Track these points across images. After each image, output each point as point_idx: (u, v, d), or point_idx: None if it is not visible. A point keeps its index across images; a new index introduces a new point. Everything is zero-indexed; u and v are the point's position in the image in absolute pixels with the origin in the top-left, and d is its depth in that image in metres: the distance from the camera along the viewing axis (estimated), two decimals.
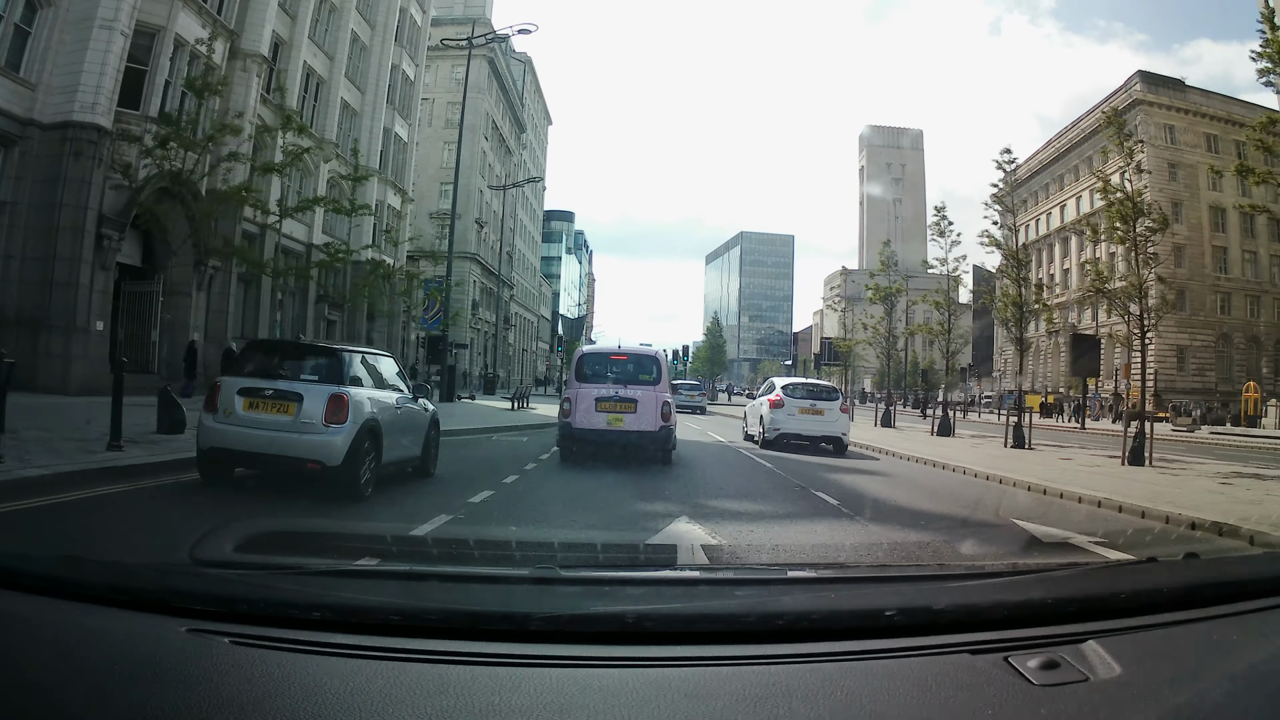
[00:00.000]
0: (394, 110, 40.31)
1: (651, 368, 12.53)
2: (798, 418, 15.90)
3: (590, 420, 11.64)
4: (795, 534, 7.19)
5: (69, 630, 1.37)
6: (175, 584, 1.61)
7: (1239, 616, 1.60)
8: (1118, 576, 2.06)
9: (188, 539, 2.13)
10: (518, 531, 6.14)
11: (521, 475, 10.34)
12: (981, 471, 12.90)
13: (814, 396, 16.53)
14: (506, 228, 71.77)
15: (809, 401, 16.24)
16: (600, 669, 1.32)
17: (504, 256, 69.76)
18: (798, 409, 16.01)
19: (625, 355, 13.30)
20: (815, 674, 1.32)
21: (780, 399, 16.27)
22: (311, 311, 32.30)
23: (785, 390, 16.67)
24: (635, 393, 11.76)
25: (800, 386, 17.15)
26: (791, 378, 23.72)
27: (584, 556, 3.20)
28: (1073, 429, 35.38)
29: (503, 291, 70.50)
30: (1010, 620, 1.53)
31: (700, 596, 1.91)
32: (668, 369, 13.18)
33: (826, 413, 16.11)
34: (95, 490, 7.19)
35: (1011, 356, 75.86)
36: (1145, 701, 1.26)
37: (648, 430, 11.61)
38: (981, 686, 1.30)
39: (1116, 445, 15.92)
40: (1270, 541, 7.12)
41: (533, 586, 1.83)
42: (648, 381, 12.11)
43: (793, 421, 15.90)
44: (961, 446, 19.13)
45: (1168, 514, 8.59)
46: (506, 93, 67.86)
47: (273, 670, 1.28)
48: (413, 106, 43.84)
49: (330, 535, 3.80)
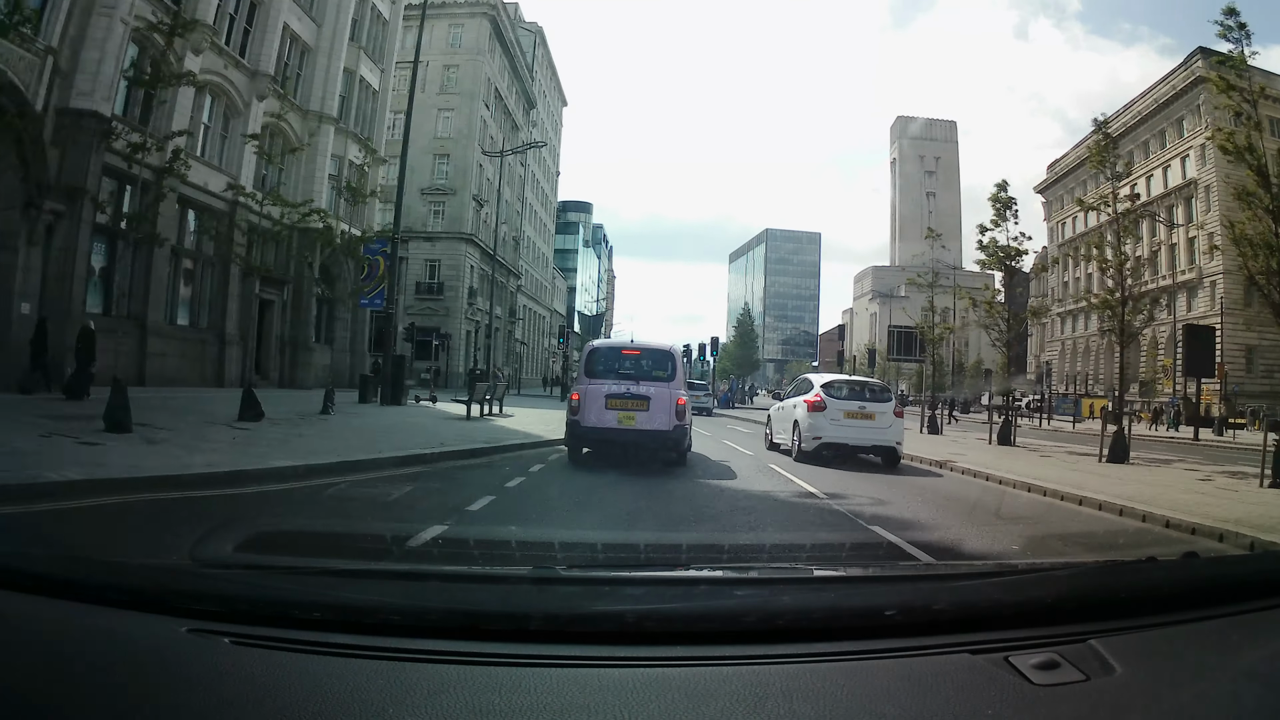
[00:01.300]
0: (360, 51, 33.34)
1: (666, 364, 12.00)
2: (843, 423, 13.40)
3: (600, 418, 11.13)
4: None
5: (69, 630, 1.37)
6: (175, 584, 1.60)
7: (1239, 616, 1.60)
8: (1118, 576, 1.98)
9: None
10: (518, 531, 6.02)
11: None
12: (1115, 503, 9.16)
13: (862, 397, 13.93)
14: (513, 210, 64.73)
15: (857, 403, 13.70)
16: (600, 669, 1.32)
17: (507, 240, 62.74)
18: (843, 412, 13.50)
19: (638, 350, 12.43)
20: (815, 674, 1.32)
21: (821, 400, 13.59)
22: (237, 287, 25.36)
23: (827, 390, 13.90)
24: (648, 390, 11.31)
25: (845, 385, 14.55)
26: (834, 374, 19.63)
27: (584, 556, 3.27)
28: (1167, 438, 30.61)
29: (509, 281, 63.63)
30: (1010, 620, 1.53)
31: (700, 596, 1.85)
32: (683, 365, 12.65)
33: (878, 417, 13.58)
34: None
35: (1043, 357, 72.12)
36: (1145, 701, 1.27)
37: (661, 430, 11.14)
38: (981, 686, 1.30)
39: (1249, 460, 13.50)
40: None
41: (533, 586, 1.84)
42: (661, 378, 11.64)
43: (836, 428, 13.37)
44: (1038, 459, 15.86)
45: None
46: (512, 60, 60.75)
47: (273, 670, 1.27)
48: (387, 51, 36.81)
49: (330, 535, 3.90)
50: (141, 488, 6.53)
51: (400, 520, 6.31)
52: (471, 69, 52.10)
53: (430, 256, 49.69)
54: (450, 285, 49.56)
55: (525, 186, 70.25)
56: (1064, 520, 8.55)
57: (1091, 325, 62.68)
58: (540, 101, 76.43)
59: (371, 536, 4.18)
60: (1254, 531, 7.23)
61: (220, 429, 11.52)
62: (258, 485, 7.33)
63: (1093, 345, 63.67)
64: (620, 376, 11.51)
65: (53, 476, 6.46)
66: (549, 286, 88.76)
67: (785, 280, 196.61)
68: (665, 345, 12.76)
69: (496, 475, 9.35)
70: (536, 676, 1.28)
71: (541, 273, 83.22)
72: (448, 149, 50.71)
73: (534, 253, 77.30)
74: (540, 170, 78.77)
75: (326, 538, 3.59)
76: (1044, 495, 10.30)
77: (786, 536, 6.63)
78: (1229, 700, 1.29)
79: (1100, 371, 62.05)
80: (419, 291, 49.26)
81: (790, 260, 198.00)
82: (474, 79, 52.08)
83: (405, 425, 15.03)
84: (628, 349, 12.46)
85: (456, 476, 9.24)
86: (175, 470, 7.28)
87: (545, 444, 13.38)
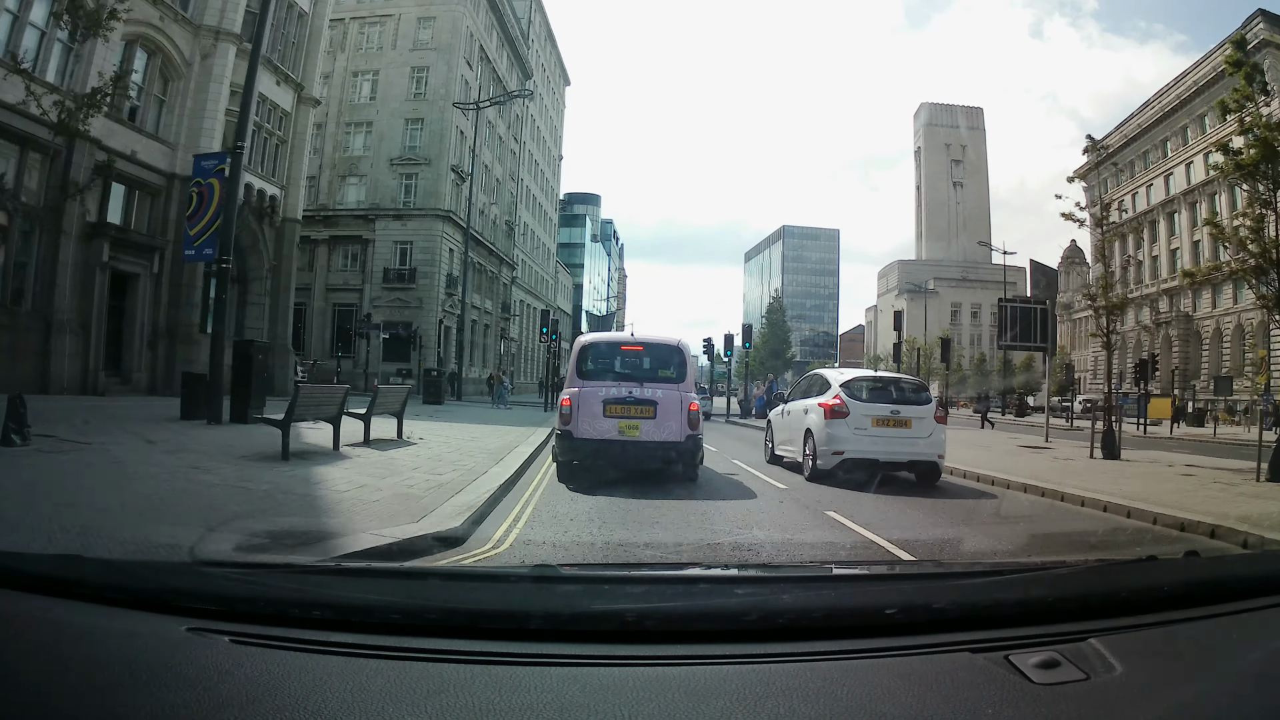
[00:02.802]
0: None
1: (672, 361, 10.26)
2: (871, 432, 10.28)
3: (597, 428, 9.44)
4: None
5: (69, 630, 1.36)
6: (175, 583, 1.59)
7: (1239, 616, 1.60)
8: (1118, 575, 1.99)
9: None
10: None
11: None
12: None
13: (893, 399, 10.72)
14: (504, 190, 57.22)
15: (888, 407, 10.50)
16: (600, 668, 1.31)
17: (498, 224, 55.22)
18: (870, 419, 10.35)
19: (640, 345, 10.75)
20: (815, 673, 1.31)
21: (841, 403, 10.47)
22: (74, 252, 17.98)
23: (849, 390, 10.72)
24: (654, 392, 9.65)
25: (871, 383, 11.17)
26: (857, 370, 14.10)
27: (584, 555, 3.38)
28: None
29: (501, 271, 56.09)
30: (1011, 619, 1.53)
31: (700, 595, 1.80)
32: (693, 363, 10.58)
33: (914, 424, 10.42)
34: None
35: (1089, 356, 66.50)
36: (1145, 700, 1.26)
37: (671, 440, 9.51)
38: (982, 685, 1.30)
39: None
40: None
41: (532, 585, 1.80)
42: (668, 378, 9.99)
43: (863, 439, 10.23)
44: (1202, 485, 10.72)
45: None
46: (501, 19, 53.24)
47: (273, 669, 1.26)
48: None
49: (331, 535, 3.82)
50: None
51: None
52: (450, 20, 44.61)
53: (401, 237, 42.19)
54: (425, 272, 41.99)
55: (521, 166, 62.65)
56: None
57: (1141, 317, 59.17)
58: (539, 75, 68.96)
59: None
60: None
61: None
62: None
63: (1144, 338, 58.95)
64: (619, 377, 10.04)
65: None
66: (551, 281, 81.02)
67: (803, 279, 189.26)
68: (671, 339, 11.04)
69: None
70: (536, 675, 1.27)
71: (542, 265, 75.60)
72: (421, 112, 43.20)
73: (532, 242, 69.67)
74: (540, 152, 71.17)
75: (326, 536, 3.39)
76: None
77: (787, 536, 6.30)
78: (1230, 699, 1.28)
79: (1158, 365, 55.62)
80: (387, 279, 41.84)
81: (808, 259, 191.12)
82: (453, 31, 44.58)
83: (72, 488, 6.94)
84: (627, 344, 10.93)
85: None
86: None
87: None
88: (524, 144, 63.25)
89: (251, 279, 25.43)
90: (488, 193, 52.23)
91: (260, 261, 25.50)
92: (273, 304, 25.83)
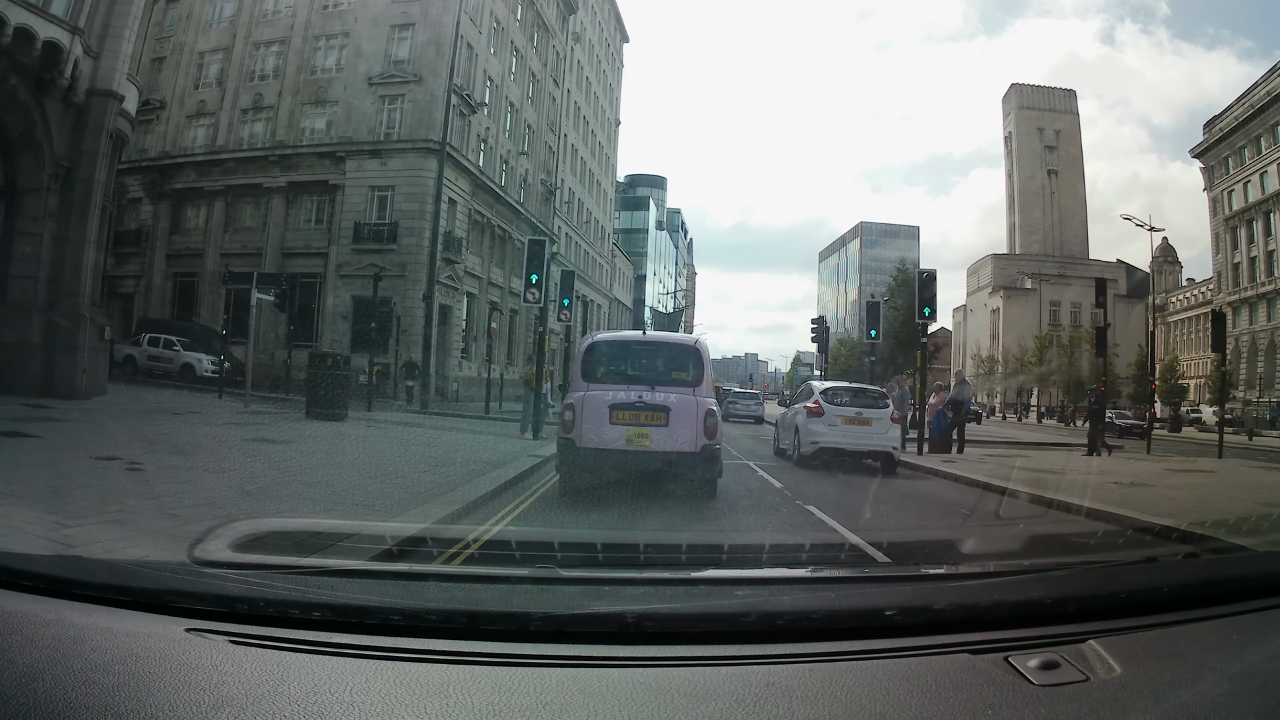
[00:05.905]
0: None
1: (688, 362, 9.68)
2: (840, 428, 13.63)
3: (602, 436, 8.77)
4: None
5: (69, 630, 1.35)
6: (175, 584, 1.58)
7: (1239, 616, 1.59)
8: (1118, 576, 2.01)
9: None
10: (517, 531, 6.05)
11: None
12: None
13: (860, 403, 14.21)
14: (540, 142, 45.90)
15: (854, 409, 13.95)
16: (600, 669, 1.31)
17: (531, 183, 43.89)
18: (840, 418, 13.76)
19: (652, 343, 10.32)
20: (815, 674, 1.31)
21: (820, 406, 13.88)
22: None
23: (826, 396, 14.30)
24: (666, 397, 8.97)
25: (844, 391, 15.01)
26: (833, 381, 18.90)
27: (584, 556, 3.10)
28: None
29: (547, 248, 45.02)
30: (1010, 620, 1.52)
31: (700, 596, 1.87)
32: (710, 363, 9.97)
33: (874, 423, 13.81)
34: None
35: (1192, 361, 63.05)
36: (1145, 701, 1.26)
37: (685, 451, 8.82)
38: (981, 686, 1.30)
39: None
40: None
41: (532, 586, 1.84)
42: (683, 382, 9.33)
43: (834, 433, 13.60)
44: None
45: None
46: None
47: (273, 670, 1.27)
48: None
49: (330, 535, 3.75)
50: None
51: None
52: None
53: (380, 181, 30.87)
54: (410, 228, 30.24)
55: (564, 117, 51.29)
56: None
57: (1258, 319, 55.53)
58: (589, 18, 57.74)
59: (372, 535, 3.95)
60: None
61: None
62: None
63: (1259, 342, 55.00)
64: (628, 380, 9.22)
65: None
66: (606, 266, 69.45)
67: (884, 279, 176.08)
68: (687, 338, 10.79)
69: None
70: (537, 676, 1.27)
71: (594, 245, 64.13)
72: (413, 15, 31.97)
73: (580, 214, 58.16)
74: (590, 107, 59.65)
75: (326, 537, 3.41)
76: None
77: (786, 537, 6.64)
78: (1229, 700, 1.28)
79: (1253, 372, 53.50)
80: (359, 238, 30.53)
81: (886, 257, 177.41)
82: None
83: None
84: (639, 343, 10.38)
85: None
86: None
87: None
88: (568, 92, 51.92)
89: (23, 191, 14.46)
90: (514, 139, 41.00)
91: (37, 162, 14.51)
92: (60, 233, 14.77)
